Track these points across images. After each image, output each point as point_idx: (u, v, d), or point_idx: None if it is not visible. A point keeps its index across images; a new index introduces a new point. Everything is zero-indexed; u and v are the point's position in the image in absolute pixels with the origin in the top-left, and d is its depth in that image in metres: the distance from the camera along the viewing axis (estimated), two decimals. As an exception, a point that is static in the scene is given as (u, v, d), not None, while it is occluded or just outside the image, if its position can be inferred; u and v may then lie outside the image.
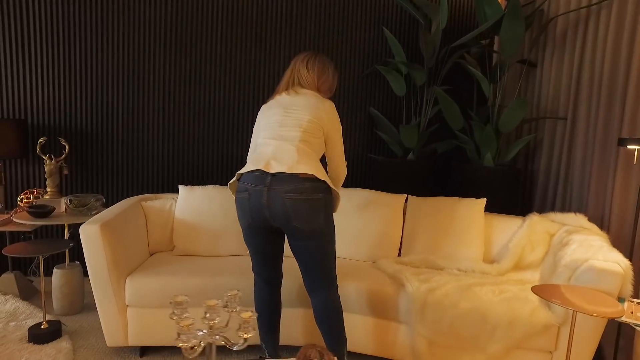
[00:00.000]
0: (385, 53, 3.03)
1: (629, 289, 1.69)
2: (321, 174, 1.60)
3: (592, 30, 2.41)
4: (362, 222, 2.38)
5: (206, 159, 2.89)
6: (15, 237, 2.68)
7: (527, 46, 2.94)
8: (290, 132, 1.64)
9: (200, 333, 1.28)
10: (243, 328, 1.24)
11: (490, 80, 2.84)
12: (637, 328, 1.43)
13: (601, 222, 2.30)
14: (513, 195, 2.71)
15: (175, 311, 1.29)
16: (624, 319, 1.49)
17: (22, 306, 2.37)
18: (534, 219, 2.26)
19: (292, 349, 2.15)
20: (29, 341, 2.04)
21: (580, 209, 2.44)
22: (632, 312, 1.53)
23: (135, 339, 1.98)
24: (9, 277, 2.48)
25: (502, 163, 2.78)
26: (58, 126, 2.65)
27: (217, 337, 1.26)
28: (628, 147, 1.91)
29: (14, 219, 2.21)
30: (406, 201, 2.49)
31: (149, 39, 2.72)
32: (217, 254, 2.32)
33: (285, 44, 2.89)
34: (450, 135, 3.08)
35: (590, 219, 2.33)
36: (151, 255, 2.32)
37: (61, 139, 2.48)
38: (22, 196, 2.43)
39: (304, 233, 1.59)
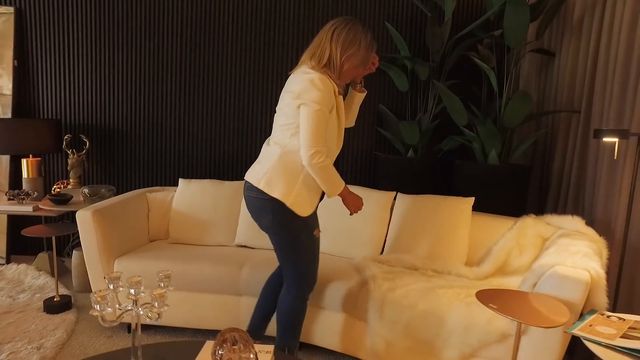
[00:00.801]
0: (392, 49, 2.97)
1: (602, 300, 1.50)
2: (265, 184, 1.60)
3: (609, 11, 2.15)
4: (348, 218, 2.36)
5: (219, 154, 3.06)
6: (51, 222, 3.09)
7: (542, 34, 2.69)
8: (274, 132, 1.70)
9: (128, 307, 1.41)
10: (157, 303, 1.34)
11: (501, 72, 2.65)
12: (587, 342, 1.27)
13: (609, 226, 2.04)
14: (521, 195, 2.50)
15: (110, 285, 1.43)
16: (576, 332, 1.32)
17: (50, 282, 2.73)
18: (526, 221, 2.08)
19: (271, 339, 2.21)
20: (44, 311, 2.36)
21: (591, 212, 2.18)
22: (590, 325, 1.36)
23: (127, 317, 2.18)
24: (43, 256, 2.87)
25: (511, 161, 2.57)
26: (86, 125, 3.00)
27: (141, 311, 1.38)
28: (604, 139, 1.68)
29: (40, 206, 2.57)
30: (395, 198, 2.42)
31: (166, 48, 2.97)
32: (205, 243, 2.46)
33: (292, 41, 2.97)
34: (458, 132, 2.92)
35: (599, 223, 2.09)
36: (151, 242, 2.53)
37: (83, 135, 2.82)
38: (55, 186, 2.80)
39: (260, 227, 1.72)
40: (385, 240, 2.33)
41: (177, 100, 3.02)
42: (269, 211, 1.63)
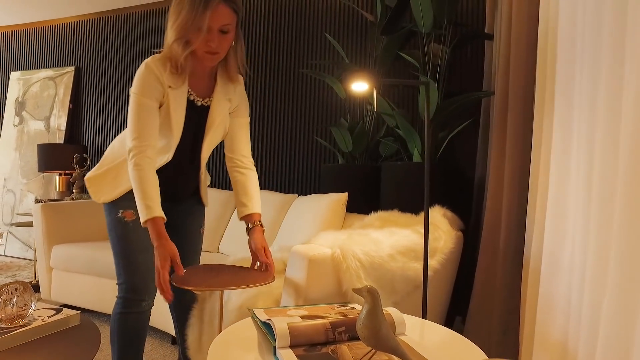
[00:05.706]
0: (338, 59, 2.93)
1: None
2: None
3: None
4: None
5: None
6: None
7: (492, 17, 2.32)
8: None
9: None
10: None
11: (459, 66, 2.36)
12: (252, 318, 1.02)
13: (500, 222, 1.58)
14: (447, 193, 2.09)
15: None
16: (253, 308, 1.09)
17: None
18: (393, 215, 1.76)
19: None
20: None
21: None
22: (292, 309, 1.09)
23: (56, 296, 2.54)
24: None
25: (439, 158, 2.20)
26: (103, 149, 3.69)
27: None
28: (353, 88, 1.35)
29: (44, 207, 3.23)
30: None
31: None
32: (136, 240, 2.71)
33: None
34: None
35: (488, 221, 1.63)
36: (108, 240, 2.90)
37: (85, 155, 3.47)
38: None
39: None
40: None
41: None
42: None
